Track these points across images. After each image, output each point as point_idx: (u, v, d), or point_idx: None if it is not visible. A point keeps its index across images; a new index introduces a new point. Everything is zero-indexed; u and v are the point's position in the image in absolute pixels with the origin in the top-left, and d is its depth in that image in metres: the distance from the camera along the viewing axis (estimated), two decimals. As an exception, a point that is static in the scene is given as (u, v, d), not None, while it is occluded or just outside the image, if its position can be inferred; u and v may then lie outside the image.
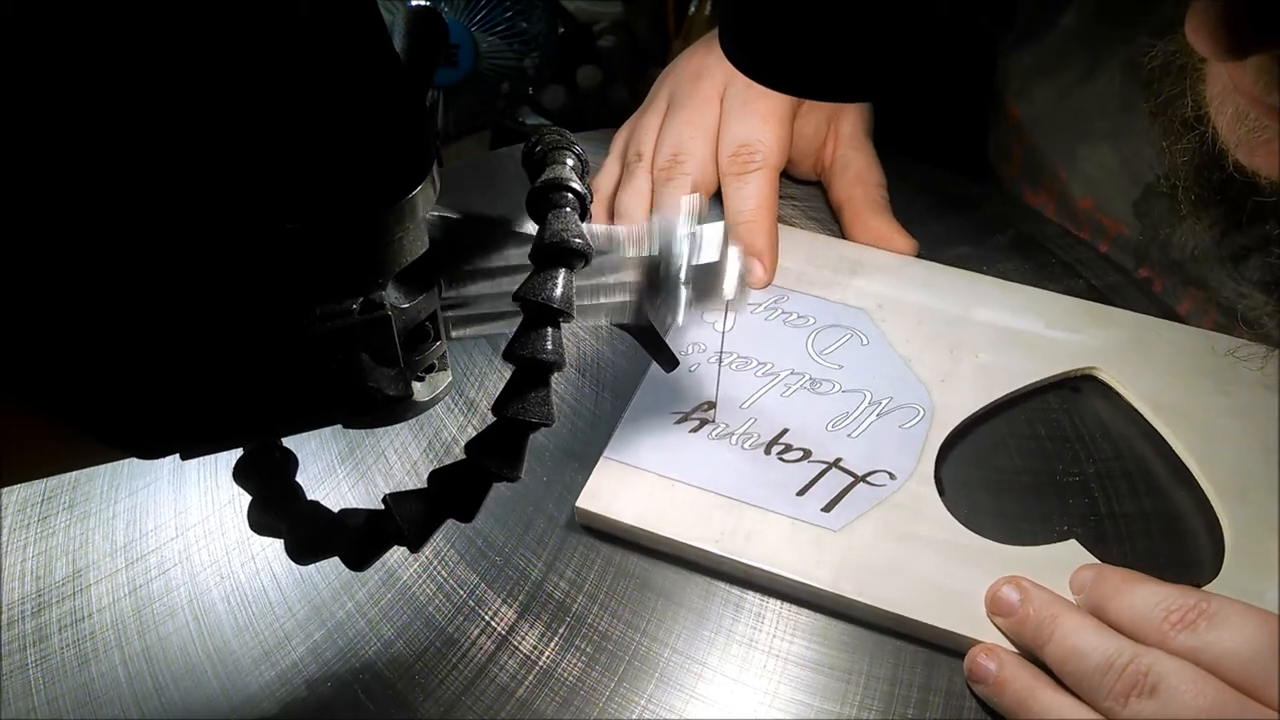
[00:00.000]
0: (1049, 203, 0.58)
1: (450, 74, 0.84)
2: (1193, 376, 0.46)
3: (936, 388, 0.46)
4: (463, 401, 0.47)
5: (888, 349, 0.47)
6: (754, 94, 0.51)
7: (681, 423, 0.44)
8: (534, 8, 0.84)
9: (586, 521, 0.41)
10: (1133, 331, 0.48)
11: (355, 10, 0.24)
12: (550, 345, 0.30)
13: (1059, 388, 0.47)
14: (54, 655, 0.38)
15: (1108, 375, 0.47)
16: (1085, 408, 0.47)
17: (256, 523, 0.32)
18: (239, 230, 0.24)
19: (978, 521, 0.41)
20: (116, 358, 0.25)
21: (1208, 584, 0.39)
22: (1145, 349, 0.47)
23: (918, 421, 0.44)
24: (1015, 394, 0.46)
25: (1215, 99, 0.34)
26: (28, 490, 0.43)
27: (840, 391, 0.45)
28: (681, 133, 0.52)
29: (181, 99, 0.23)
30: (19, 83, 0.21)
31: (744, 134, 0.51)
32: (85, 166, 0.23)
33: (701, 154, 0.51)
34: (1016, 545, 0.40)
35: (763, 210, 0.50)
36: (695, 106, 0.53)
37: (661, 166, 0.52)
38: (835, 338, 0.48)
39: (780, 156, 0.51)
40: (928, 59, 0.30)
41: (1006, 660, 0.36)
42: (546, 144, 0.33)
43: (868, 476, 0.42)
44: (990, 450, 0.45)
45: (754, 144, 0.51)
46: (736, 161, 0.51)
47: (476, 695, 0.37)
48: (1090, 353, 0.47)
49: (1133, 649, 0.33)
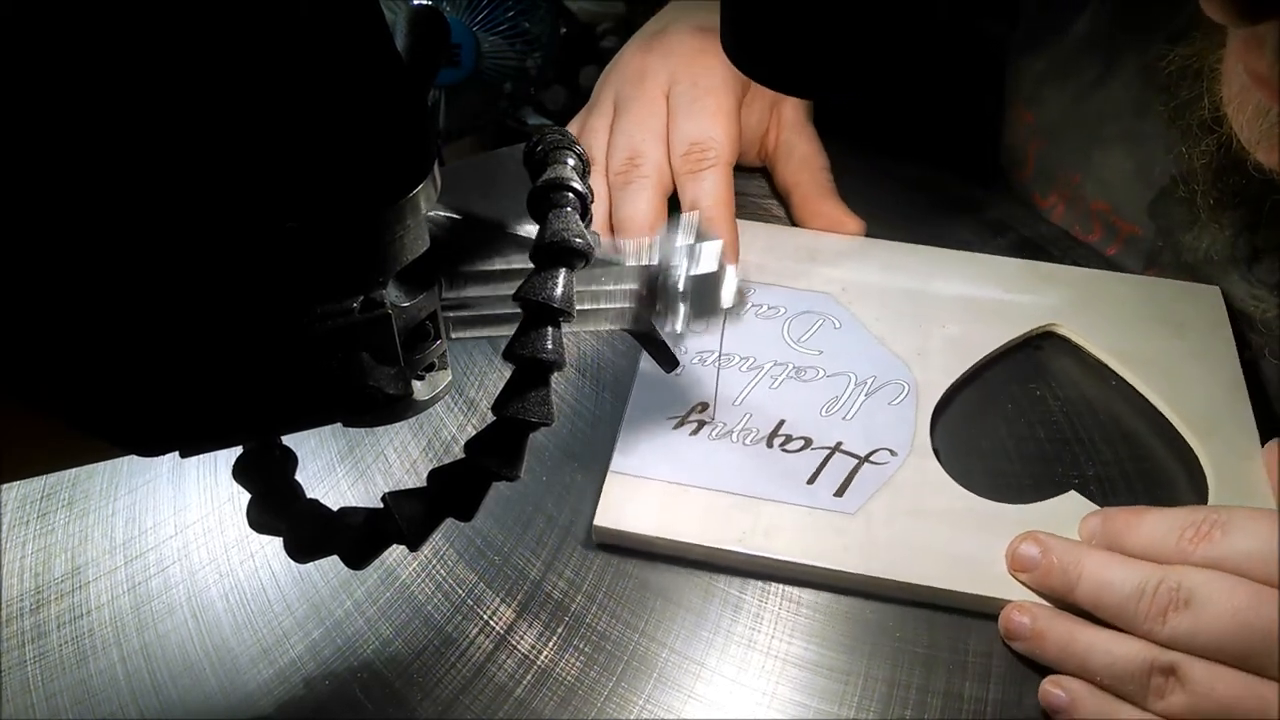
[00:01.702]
0: (1058, 205, 0.58)
1: (452, 74, 0.84)
2: (1145, 323, 0.49)
3: (914, 362, 0.47)
4: (463, 401, 0.47)
5: (861, 330, 0.48)
6: (700, 91, 0.52)
7: (680, 427, 0.44)
8: (536, 8, 0.84)
9: (606, 539, 0.41)
10: (1084, 287, 0.51)
11: (357, 9, 0.24)
12: (550, 345, 0.30)
13: (1023, 348, 0.49)
14: (52, 652, 0.38)
15: (1067, 330, 0.49)
16: (1051, 364, 0.49)
17: (256, 521, 0.32)
18: (240, 228, 0.24)
19: (979, 486, 0.42)
20: (116, 356, 0.25)
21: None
22: (1097, 302, 0.50)
23: (904, 397, 0.45)
24: (987, 359, 0.48)
25: (1234, 99, 0.34)
26: (27, 487, 0.43)
27: (825, 376, 0.46)
28: (634, 135, 0.52)
29: (182, 98, 0.23)
30: (19, 82, 0.21)
31: (695, 132, 0.51)
32: (85, 165, 0.23)
33: (656, 155, 0.51)
34: (1021, 504, 0.42)
35: (721, 206, 0.50)
36: (643, 107, 0.53)
37: (618, 170, 0.52)
38: (809, 324, 0.48)
39: (732, 152, 0.52)
40: (929, 58, 0.30)
41: (1039, 613, 0.37)
42: (548, 144, 0.33)
43: (870, 456, 0.43)
44: (975, 415, 0.46)
45: (705, 141, 0.51)
46: (690, 160, 0.51)
47: (474, 694, 0.37)
48: (1048, 311, 0.49)
49: (1160, 571, 0.35)
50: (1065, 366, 0.48)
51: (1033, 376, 0.48)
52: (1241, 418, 0.45)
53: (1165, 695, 0.34)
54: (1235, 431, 0.44)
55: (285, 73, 0.23)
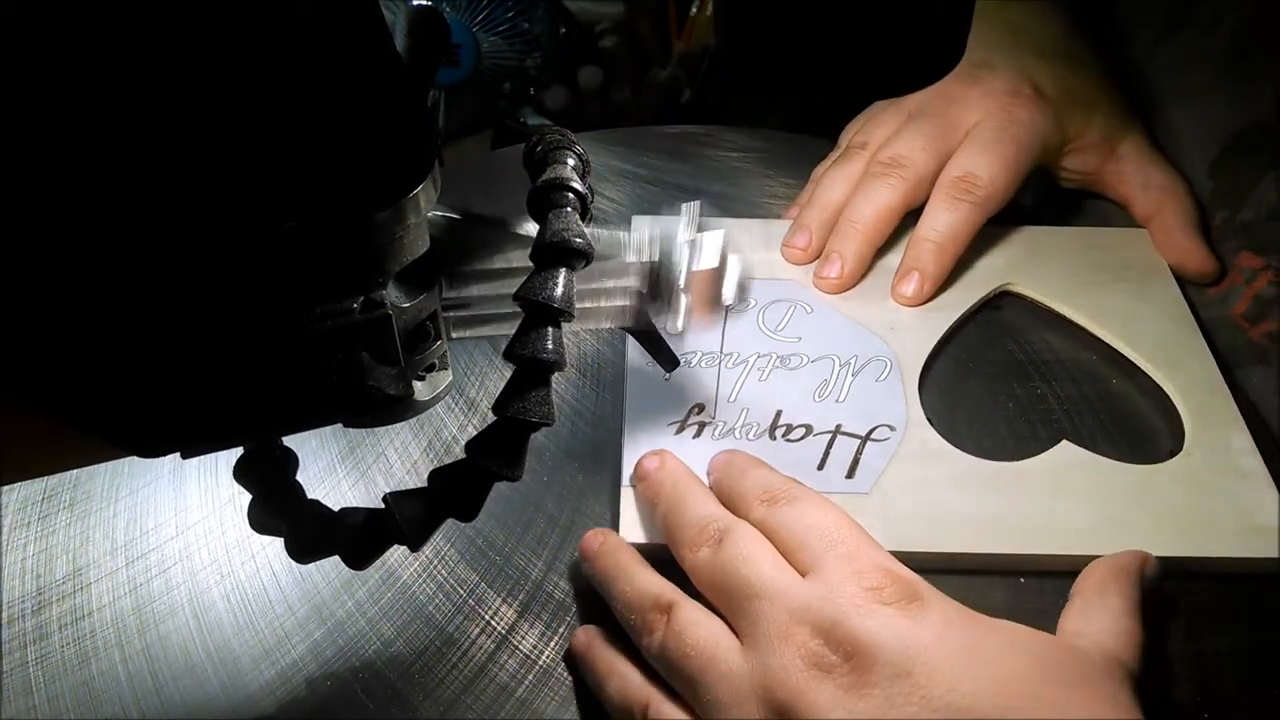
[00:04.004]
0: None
1: (452, 74, 0.84)
2: (1091, 271, 0.51)
3: (889, 336, 0.48)
4: (463, 401, 0.47)
5: (832, 311, 0.49)
6: (1006, 136, 0.52)
7: (681, 431, 0.44)
8: (536, 8, 0.84)
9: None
10: (1028, 244, 0.53)
11: (356, 9, 0.24)
12: (550, 345, 0.30)
13: (984, 310, 0.51)
14: (54, 653, 0.38)
15: (1021, 288, 0.51)
16: (1014, 321, 0.51)
17: (257, 522, 0.32)
18: (240, 229, 0.24)
19: (975, 448, 0.44)
20: (117, 356, 0.25)
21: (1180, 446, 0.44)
22: (1044, 257, 0.52)
23: (889, 371, 0.46)
24: (955, 325, 0.49)
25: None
26: (28, 488, 0.43)
27: (810, 362, 0.47)
28: (915, 142, 0.52)
29: (182, 98, 0.23)
30: (19, 82, 0.21)
31: (978, 167, 0.51)
32: (86, 165, 0.23)
33: (924, 168, 0.51)
34: (1020, 460, 0.43)
35: (953, 240, 0.50)
36: (939, 126, 0.53)
37: (880, 160, 0.52)
38: (781, 313, 0.49)
39: (998, 204, 0.52)
40: (932, 56, 0.30)
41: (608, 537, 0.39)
42: (547, 144, 0.33)
43: (871, 434, 0.44)
44: (954, 381, 0.47)
45: (983, 181, 0.51)
46: (956, 186, 0.51)
47: (476, 694, 0.37)
48: (1000, 271, 0.52)
49: (726, 517, 0.37)
50: (1026, 322, 0.51)
51: (999, 336, 0.50)
52: (1197, 348, 0.48)
53: (653, 631, 0.35)
54: (1195, 362, 0.47)
55: (285, 73, 0.23)
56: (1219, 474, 0.43)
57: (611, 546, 0.38)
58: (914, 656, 0.30)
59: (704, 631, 0.34)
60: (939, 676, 0.30)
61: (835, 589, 0.32)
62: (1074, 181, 0.57)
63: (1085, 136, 0.54)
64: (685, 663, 0.33)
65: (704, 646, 0.33)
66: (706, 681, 0.33)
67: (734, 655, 0.33)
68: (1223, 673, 0.38)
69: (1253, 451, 0.43)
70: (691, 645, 0.33)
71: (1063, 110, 0.53)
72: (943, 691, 0.30)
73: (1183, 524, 0.41)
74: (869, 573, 0.33)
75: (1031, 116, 0.52)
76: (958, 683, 0.30)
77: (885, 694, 0.30)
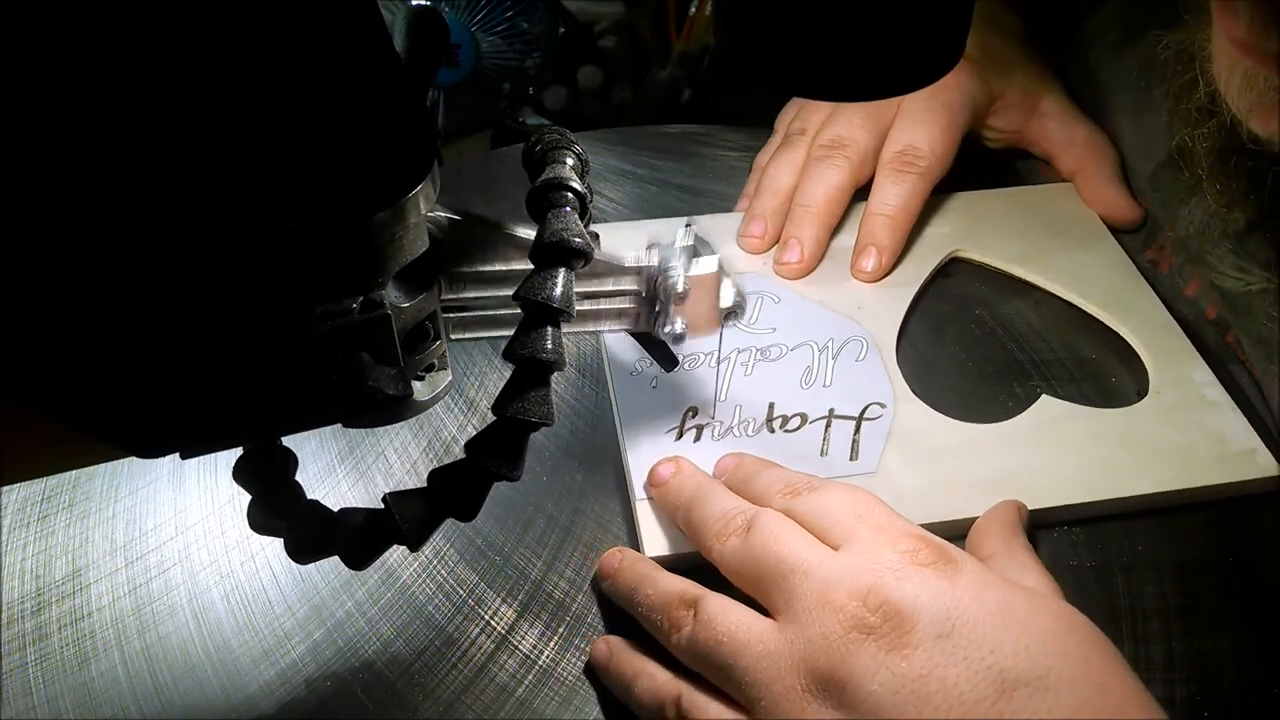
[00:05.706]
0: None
1: (451, 74, 0.84)
2: (1030, 230, 0.53)
3: (859, 316, 0.49)
4: (463, 401, 0.47)
5: (799, 299, 0.50)
6: (936, 104, 0.52)
7: (680, 438, 0.44)
8: (535, 8, 0.84)
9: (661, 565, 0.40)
10: (968, 210, 0.54)
11: (356, 10, 0.24)
12: (550, 345, 0.30)
13: (937, 279, 0.52)
14: (54, 654, 0.38)
15: (969, 253, 0.53)
16: (968, 287, 0.52)
17: (256, 522, 0.32)
18: (240, 229, 0.24)
19: (960, 414, 0.45)
20: (116, 357, 0.25)
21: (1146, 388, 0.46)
22: (985, 221, 0.54)
23: (866, 350, 0.47)
24: (916, 298, 0.50)
25: (1223, 72, 0.35)
26: (28, 489, 0.43)
27: (790, 351, 0.47)
28: (853, 121, 0.53)
29: (182, 99, 0.23)
30: (19, 82, 0.21)
31: (917, 139, 0.52)
32: (86, 166, 0.23)
33: (865, 145, 0.52)
34: (1006, 420, 0.44)
35: (904, 213, 0.51)
36: (872, 103, 0.53)
37: (822, 144, 0.53)
38: (751, 305, 0.49)
39: (940, 170, 0.52)
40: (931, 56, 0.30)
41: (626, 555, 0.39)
42: (546, 143, 0.33)
43: (864, 414, 0.44)
44: (926, 351, 0.48)
45: (924, 151, 0.52)
46: (899, 160, 0.52)
47: (476, 694, 0.37)
48: (947, 239, 0.53)
49: (748, 506, 0.37)
50: (980, 286, 0.52)
51: (958, 302, 0.51)
52: (1143, 291, 0.50)
53: (681, 627, 0.34)
54: (1144, 304, 0.49)
55: (285, 74, 0.23)
56: (1189, 408, 0.45)
57: (631, 560, 0.39)
58: (954, 618, 0.31)
59: (734, 617, 0.33)
60: (979, 638, 0.30)
61: (871, 556, 0.33)
62: (998, 141, 0.57)
63: (1008, 95, 0.55)
64: (718, 649, 0.33)
65: (735, 631, 0.33)
66: (743, 665, 0.32)
67: (769, 634, 0.33)
68: (1223, 673, 0.38)
69: (1214, 383, 0.45)
70: (723, 631, 0.33)
71: (986, 69, 0.54)
72: (984, 653, 0.30)
73: (1166, 460, 0.43)
74: (902, 539, 0.33)
75: (958, 80, 0.53)
76: (999, 644, 0.30)
77: (928, 655, 0.30)
